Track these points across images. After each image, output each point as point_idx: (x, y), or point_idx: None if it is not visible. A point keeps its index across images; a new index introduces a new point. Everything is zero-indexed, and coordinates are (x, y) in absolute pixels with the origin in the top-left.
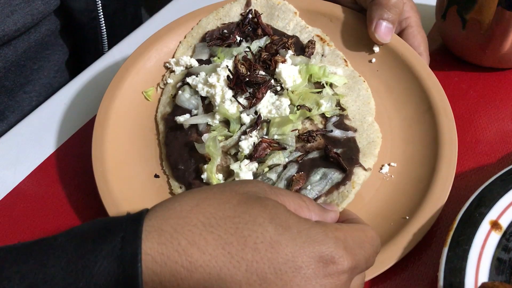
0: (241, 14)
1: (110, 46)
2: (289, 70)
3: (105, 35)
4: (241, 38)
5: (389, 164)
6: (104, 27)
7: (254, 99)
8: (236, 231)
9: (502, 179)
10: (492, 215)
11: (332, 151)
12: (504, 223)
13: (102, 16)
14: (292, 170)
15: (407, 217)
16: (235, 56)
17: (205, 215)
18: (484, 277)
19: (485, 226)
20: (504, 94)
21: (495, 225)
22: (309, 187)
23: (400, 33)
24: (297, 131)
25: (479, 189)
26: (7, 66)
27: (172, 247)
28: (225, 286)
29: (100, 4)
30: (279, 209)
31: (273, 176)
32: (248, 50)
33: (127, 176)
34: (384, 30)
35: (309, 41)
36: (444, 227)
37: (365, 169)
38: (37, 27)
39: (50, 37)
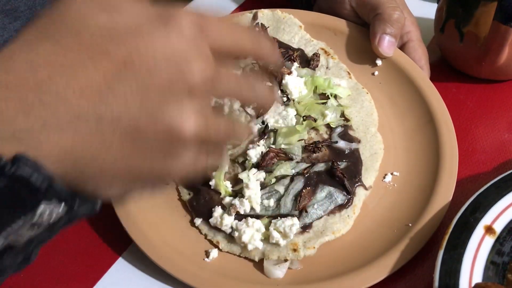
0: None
1: None
2: (295, 82)
3: None
4: None
5: (392, 173)
6: None
7: (261, 109)
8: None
9: (497, 186)
10: (486, 220)
11: (338, 171)
12: (497, 228)
13: None
14: (299, 184)
15: (410, 224)
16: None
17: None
18: (478, 279)
19: (479, 230)
20: (500, 105)
21: (489, 229)
22: (316, 206)
23: (402, 47)
24: (303, 141)
25: (474, 195)
26: None
27: None
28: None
29: None
30: None
31: (280, 188)
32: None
33: None
34: (387, 44)
35: (314, 54)
36: (442, 232)
37: (366, 189)
38: None
39: None
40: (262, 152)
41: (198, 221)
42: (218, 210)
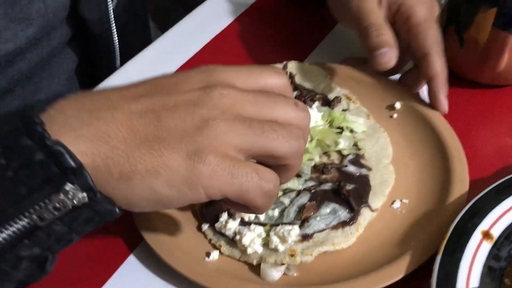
0: None
1: (122, 57)
2: (313, 114)
3: (117, 46)
4: None
5: (400, 200)
6: (116, 38)
7: None
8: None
9: (495, 191)
10: (484, 225)
11: (344, 189)
12: (495, 233)
13: (115, 27)
14: (305, 198)
15: (412, 243)
16: None
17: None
18: (475, 284)
19: (477, 236)
20: (500, 110)
21: (486, 235)
22: (318, 218)
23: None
24: (313, 161)
25: (473, 200)
26: (20, 78)
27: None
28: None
29: (113, 16)
30: None
31: (286, 200)
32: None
33: None
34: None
35: (335, 97)
36: None
37: (372, 210)
38: (49, 39)
39: (61, 46)
40: None
41: (205, 226)
42: (224, 216)
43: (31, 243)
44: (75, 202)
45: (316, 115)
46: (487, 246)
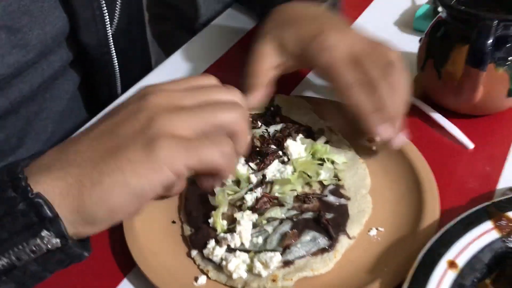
0: (265, 107)
1: (122, 80)
2: (297, 146)
3: (118, 69)
4: (262, 124)
5: (377, 228)
6: (116, 61)
7: (262, 164)
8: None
9: (463, 221)
10: (450, 255)
11: (324, 217)
12: (460, 262)
13: (114, 51)
14: (287, 226)
15: (385, 269)
16: (253, 133)
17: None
18: None
19: (442, 265)
20: (478, 139)
21: (452, 264)
22: (299, 246)
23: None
24: (295, 191)
25: (441, 231)
26: (23, 99)
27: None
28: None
29: (112, 41)
30: None
31: (269, 228)
32: (265, 131)
33: (148, 219)
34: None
35: (318, 129)
36: None
37: (349, 238)
38: (49, 63)
39: (62, 69)
40: (257, 197)
41: (194, 252)
42: (211, 243)
43: (8, 280)
44: (49, 246)
45: (299, 148)
46: (452, 275)
